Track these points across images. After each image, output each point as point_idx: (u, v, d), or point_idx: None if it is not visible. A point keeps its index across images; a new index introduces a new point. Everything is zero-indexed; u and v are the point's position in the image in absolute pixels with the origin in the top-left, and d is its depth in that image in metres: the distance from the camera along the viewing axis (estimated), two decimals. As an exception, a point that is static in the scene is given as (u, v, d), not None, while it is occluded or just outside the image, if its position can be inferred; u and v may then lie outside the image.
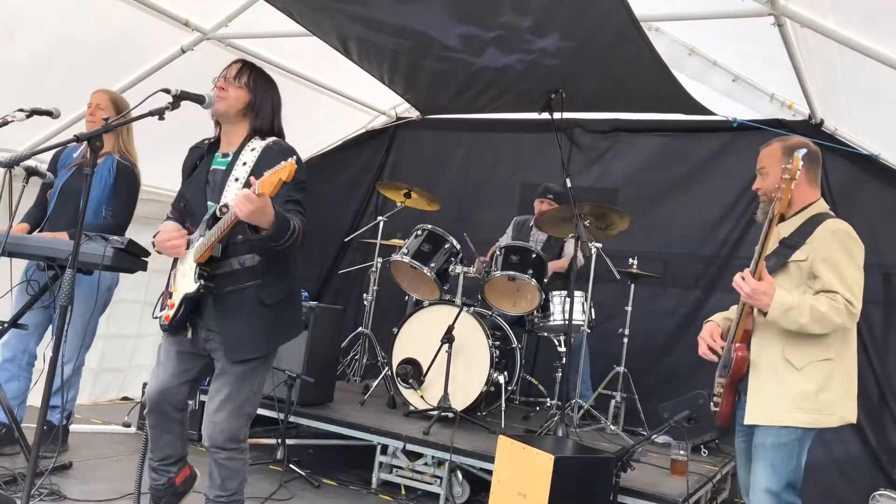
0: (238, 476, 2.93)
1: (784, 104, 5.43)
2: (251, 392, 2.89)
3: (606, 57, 4.70)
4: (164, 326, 2.90)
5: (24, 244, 3.53)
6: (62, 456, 4.06)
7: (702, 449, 4.77)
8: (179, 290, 2.82)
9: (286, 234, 2.63)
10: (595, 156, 6.38)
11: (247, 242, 2.79)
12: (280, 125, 2.98)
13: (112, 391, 6.19)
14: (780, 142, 2.94)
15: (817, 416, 2.72)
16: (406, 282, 5.25)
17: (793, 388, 2.72)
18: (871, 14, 3.38)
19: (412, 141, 7.13)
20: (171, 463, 3.01)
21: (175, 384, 2.92)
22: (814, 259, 2.74)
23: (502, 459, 3.56)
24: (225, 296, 2.81)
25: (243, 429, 2.90)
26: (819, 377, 2.72)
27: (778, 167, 2.81)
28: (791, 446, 2.74)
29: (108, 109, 4.08)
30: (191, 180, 2.96)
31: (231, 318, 2.81)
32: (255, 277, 2.82)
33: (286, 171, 2.41)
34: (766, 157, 2.93)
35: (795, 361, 2.73)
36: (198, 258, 2.76)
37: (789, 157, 2.72)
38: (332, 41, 5.12)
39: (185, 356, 2.94)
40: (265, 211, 2.49)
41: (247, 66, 2.93)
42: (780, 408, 2.73)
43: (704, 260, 5.84)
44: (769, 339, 2.78)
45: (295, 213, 2.74)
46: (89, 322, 4.03)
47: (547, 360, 5.67)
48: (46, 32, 4.52)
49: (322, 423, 4.58)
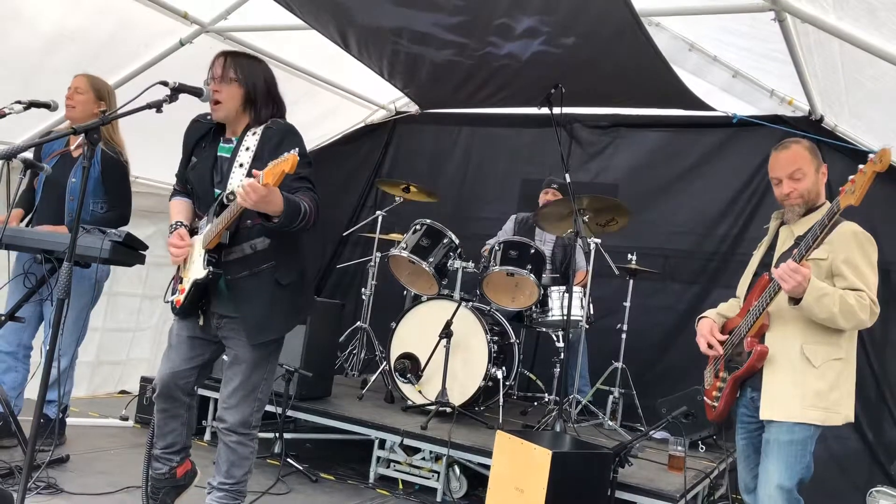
0: (244, 464, 2.96)
1: (784, 100, 5.41)
2: (262, 378, 2.93)
3: (607, 52, 4.69)
4: (175, 310, 2.94)
5: (22, 237, 3.51)
6: (59, 449, 4.06)
7: (699, 445, 4.78)
8: (189, 276, 2.85)
9: (297, 218, 2.65)
10: (595, 151, 6.37)
11: (256, 226, 2.81)
12: (279, 96, 2.97)
13: (110, 384, 6.19)
14: (797, 143, 2.94)
15: (827, 415, 2.75)
16: (404, 276, 5.25)
17: (811, 385, 2.74)
18: (873, 9, 3.36)
19: (411, 135, 7.12)
20: (174, 451, 3.02)
21: (185, 368, 2.95)
22: (834, 259, 2.76)
23: (500, 454, 3.56)
24: (240, 281, 2.83)
25: (255, 414, 2.94)
26: (831, 376, 2.75)
27: (813, 168, 2.87)
28: (805, 443, 2.76)
29: (87, 93, 4.03)
30: (195, 164, 2.96)
31: (249, 302, 2.83)
32: (269, 260, 2.85)
33: (289, 163, 2.43)
34: (798, 159, 2.89)
35: (813, 359, 2.75)
36: (206, 245, 2.78)
37: (817, 158, 2.88)
38: (332, 34, 5.10)
39: (197, 341, 2.97)
40: (272, 200, 2.52)
41: (229, 57, 2.90)
42: (798, 404, 2.74)
43: (704, 256, 5.84)
44: (788, 334, 2.79)
45: (305, 189, 2.76)
46: (84, 314, 4.02)
47: (545, 355, 5.67)
48: (45, 24, 4.50)
49: (320, 418, 4.58)
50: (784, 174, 2.90)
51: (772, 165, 2.96)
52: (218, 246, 2.79)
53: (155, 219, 6.12)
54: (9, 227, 3.38)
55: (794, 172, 2.88)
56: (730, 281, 5.65)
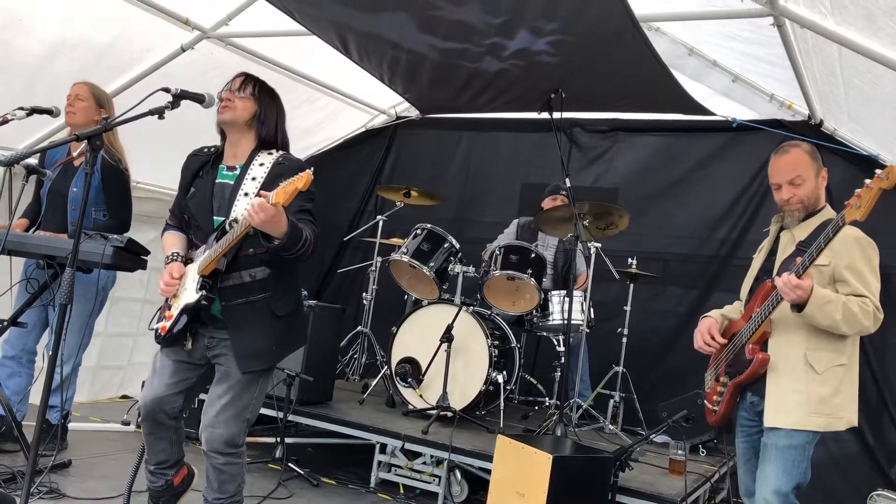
0: (236, 479, 2.93)
1: (783, 104, 5.42)
2: (252, 398, 2.89)
3: (606, 57, 4.70)
4: (158, 338, 2.91)
5: (25, 242, 3.53)
6: (61, 454, 4.07)
7: (700, 449, 4.78)
8: (179, 302, 2.83)
9: (298, 244, 2.65)
10: (595, 155, 6.38)
11: (257, 256, 2.80)
12: (285, 137, 2.99)
13: (111, 389, 6.20)
14: (797, 147, 2.92)
15: (830, 421, 2.75)
16: (405, 281, 5.25)
17: (814, 392, 2.74)
18: (871, 15, 3.37)
19: (412, 140, 7.13)
20: (167, 467, 3.02)
21: (170, 393, 2.91)
22: (837, 265, 2.75)
23: (501, 458, 3.57)
24: (236, 308, 2.81)
25: (242, 434, 2.90)
26: (834, 382, 2.75)
27: (813, 173, 2.86)
28: (803, 448, 2.76)
29: (88, 100, 4.04)
30: (194, 193, 2.93)
31: (244, 330, 2.82)
32: (266, 290, 2.83)
33: (302, 181, 2.45)
34: (798, 164, 2.87)
35: (817, 366, 2.74)
36: (201, 270, 2.76)
37: (817, 162, 2.85)
38: (332, 40, 5.12)
39: (182, 366, 2.94)
40: (279, 220, 2.52)
41: (251, 78, 2.94)
42: (802, 412, 2.73)
43: (703, 260, 5.84)
44: (791, 342, 2.79)
45: (307, 222, 2.76)
46: (87, 321, 4.03)
47: (546, 359, 5.67)
48: (47, 31, 4.52)
49: (321, 422, 4.59)
50: (784, 180, 2.88)
51: (771, 170, 2.94)
52: (213, 272, 2.77)
53: (156, 223, 6.11)
54: (11, 232, 3.40)
55: (794, 178, 2.86)
56: (729, 285, 5.65)
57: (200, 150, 3.04)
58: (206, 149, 3.02)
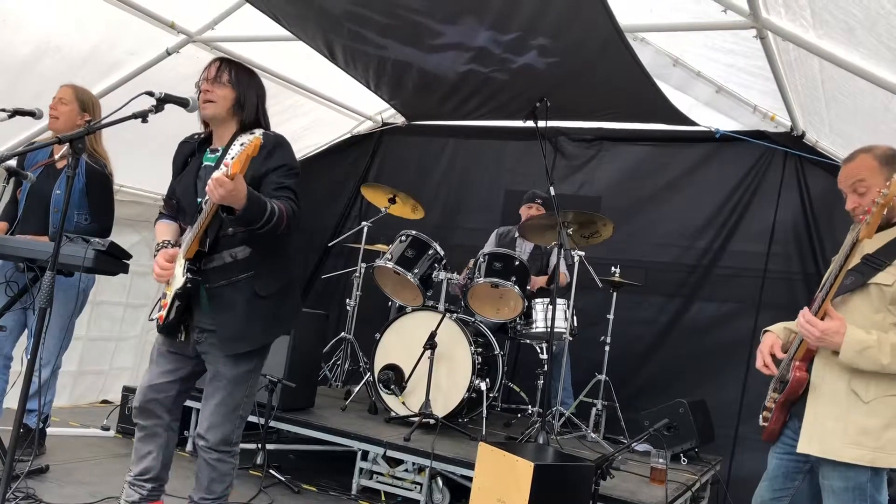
0: (225, 480, 2.93)
1: (766, 116, 5.48)
2: (244, 395, 2.91)
3: (591, 66, 4.74)
4: (159, 327, 2.92)
5: (4, 245, 3.50)
6: (39, 459, 4.01)
7: (681, 457, 4.81)
8: (172, 289, 2.85)
9: (263, 215, 2.61)
10: (579, 164, 6.42)
11: (237, 235, 2.80)
12: (265, 113, 2.99)
13: (92, 394, 6.15)
14: (865, 151, 2.65)
15: (876, 455, 2.47)
16: (389, 287, 5.25)
17: (856, 421, 2.48)
18: (850, 28, 3.42)
19: (397, 146, 7.14)
20: (146, 479, 2.95)
21: (163, 381, 2.92)
22: None
23: (482, 466, 3.56)
24: (219, 290, 2.82)
25: (236, 431, 2.91)
26: (888, 413, 2.48)
27: (882, 179, 2.54)
28: (862, 489, 2.49)
29: (71, 104, 4.00)
30: (181, 177, 2.96)
31: (226, 312, 2.82)
32: (249, 269, 2.83)
33: (252, 147, 2.45)
34: (861, 170, 2.61)
35: (863, 394, 2.49)
36: (185, 254, 2.77)
37: (890, 168, 2.55)
38: (318, 46, 5.12)
39: (176, 356, 2.95)
40: (238, 192, 2.49)
41: (225, 62, 2.93)
42: (838, 440, 2.49)
43: (686, 269, 5.88)
44: (835, 364, 2.53)
45: (285, 199, 2.75)
46: (68, 323, 4.00)
47: (529, 367, 5.68)
48: (31, 32, 4.49)
49: (303, 429, 4.57)
50: (845, 186, 2.65)
51: (839, 176, 2.71)
52: (197, 255, 2.77)
53: (139, 227, 6.10)
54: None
55: (857, 185, 2.60)
56: (711, 294, 5.71)
57: (191, 137, 3.05)
58: (196, 135, 3.03)
